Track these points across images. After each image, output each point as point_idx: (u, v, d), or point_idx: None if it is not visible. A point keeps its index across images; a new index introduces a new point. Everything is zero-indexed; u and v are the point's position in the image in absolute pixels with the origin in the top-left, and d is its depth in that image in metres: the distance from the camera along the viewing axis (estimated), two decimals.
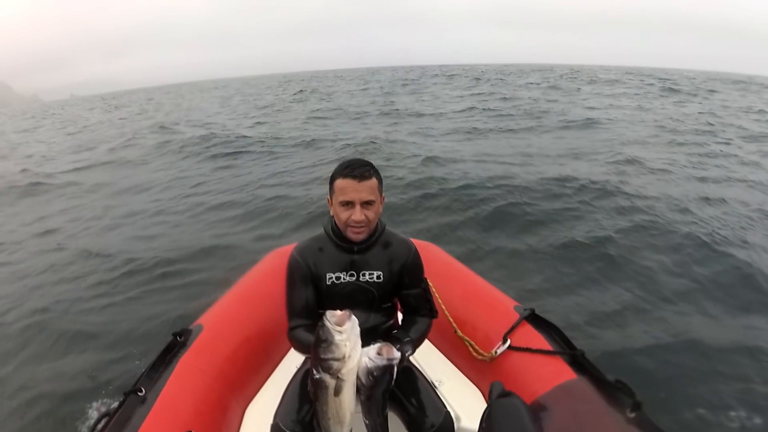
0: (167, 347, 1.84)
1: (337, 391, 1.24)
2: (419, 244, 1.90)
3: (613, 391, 1.49)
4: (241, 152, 10.77)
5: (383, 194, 1.56)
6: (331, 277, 1.57)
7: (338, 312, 1.22)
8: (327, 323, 1.20)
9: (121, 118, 25.09)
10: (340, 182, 1.47)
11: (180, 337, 1.88)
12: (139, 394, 1.58)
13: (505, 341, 1.87)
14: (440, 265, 2.29)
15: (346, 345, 1.20)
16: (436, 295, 1.93)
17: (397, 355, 1.27)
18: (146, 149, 12.57)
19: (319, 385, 1.25)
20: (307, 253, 1.60)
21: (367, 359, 1.26)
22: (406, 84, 35.01)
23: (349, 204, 1.47)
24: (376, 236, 1.61)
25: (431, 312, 1.68)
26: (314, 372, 1.24)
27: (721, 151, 9.32)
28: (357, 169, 1.46)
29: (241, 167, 9.45)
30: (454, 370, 2.09)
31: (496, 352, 1.86)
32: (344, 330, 1.20)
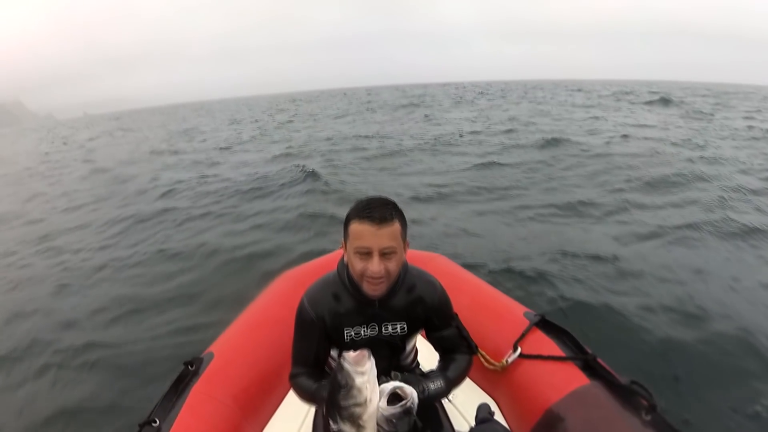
0: (179, 377, 1.84)
1: None
2: (424, 255, 1.89)
3: (628, 394, 1.49)
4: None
5: (407, 239, 1.34)
6: (350, 333, 1.41)
7: (354, 353, 1.11)
8: (346, 366, 1.09)
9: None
10: (355, 226, 1.25)
11: (191, 366, 1.88)
12: (153, 425, 1.58)
13: (515, 349, 1.86)
14: (447, 276, 2.28)
15: (366, 388, 1.08)
16: None
17: (414, 396, 1.16)
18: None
19: None
20: (321, 304, 1.41)
21: (382, 406, 1.14)
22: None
23: (366, 253, 1.26)
24: (399, 286, 1.41)
25: (469, 348, 1.57)
26: (332, 422, 1.12)
27: None
28: (376, 210, 1.23)
29: None
30: (467, 381, 2.08)
31: (507, 361, 1.86)
32: (365, 371, 1.09)
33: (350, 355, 1.10)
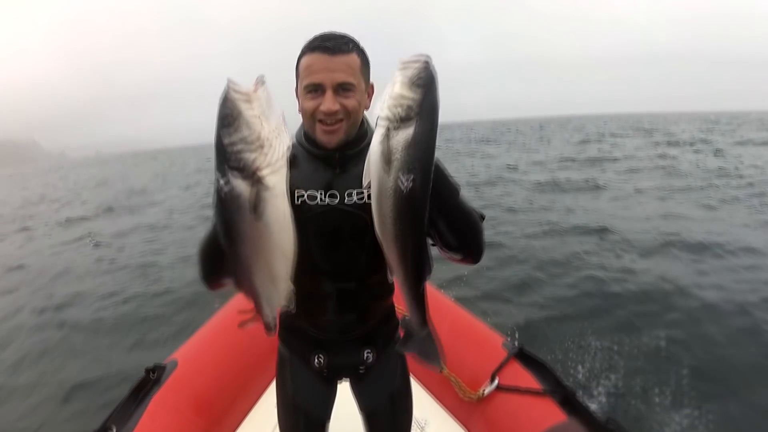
0: (140, 384, 1.75)
1: (257, 206, 0.79)
2: None
3: None
4: None
5: (372, 84, 1.10)
6: (302, 195, 1.09)
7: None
8: (226, 90, 0.79)
9: None
10: (305, 59, 1.01)
11: (153, 373, 1.79)
12: None
13: (493, 380, 1.80)
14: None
15: (261, 123, 0.79)
16: None
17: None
18: None
19: (227, 201, 0.80)
20: None
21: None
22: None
23: (317, 89, 1.00)
24: (366, 142, 1.06)
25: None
26: (221, 180, 0.80)
27: None
28: (330, 40, 1.00)
29: None
30: (440, 410, 2.01)
31: (483, 392, 1.80)
32: (252, 98, 0.79)
33: (231, 78, 0.81)
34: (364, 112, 1.11)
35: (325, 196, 1.09)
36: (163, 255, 6.85)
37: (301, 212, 1.07)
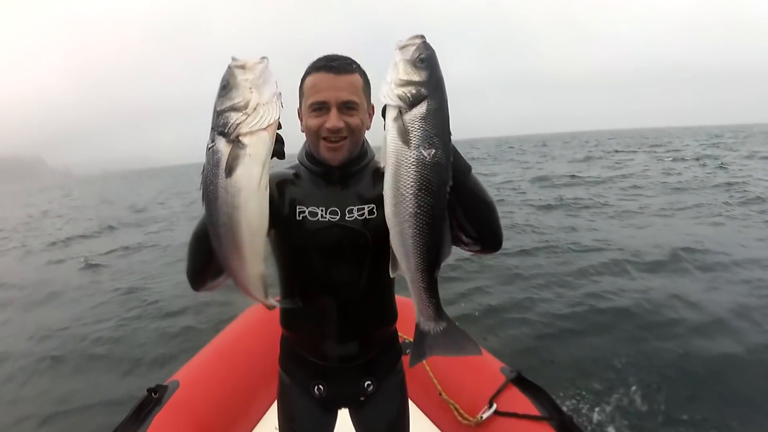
0: (141, 403, 1.77)
1: (230, 168, 0.83)
2: (401, 301, 1.86)
3: None
4: None
5: (373, 105, 1.13)
6: (304, 211, 1.11)
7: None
8: (229, 65, 0.86)
9: None
10: (310, 79, 1.06)
11: (155, 393, 1.81)
12: None
13: (491, 405, 1.81)
14: None
15: (251, 90, 0.84)
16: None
17: None
18: None
19: (209, 161, 0.85)
20: (278, 176, 1.16)
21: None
22: None
23: (321, 107, 1.04)
24: (366, 161, 1.16)
25: None
26: (208, 143, 0.86)
27: None
28: (335, 60, 1.05)
29: None
30: None
31: (482, 417, 1.80)
32: (250, 68, 0.84)
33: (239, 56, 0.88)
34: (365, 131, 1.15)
35: (326, 213, 1.11)
36: (161, 276, 6.80)
37: (302, 228, 1.11)
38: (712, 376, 3.13)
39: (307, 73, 1.07)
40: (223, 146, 0.83)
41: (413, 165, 0.86)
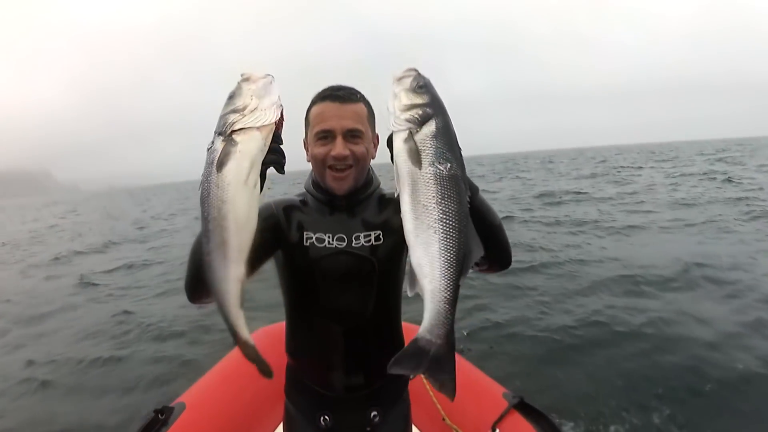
0: (147, 425, 1.79)
1: (221, 163, 0.85)
2: (407, 327, 1.88)
3: None
4: None
5: (377, 134, 1.18)
6: (311, 237, 1.14)
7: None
8: (238, 81, 0.91)
9: None
10: (315, 108, 1.10)
11: (161, 415, 1.83)
12: None
13: (493, 431, 1.82)
14: None
15: (251, 97, 0.88)
16: (425, 380, 1.90)
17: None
18: None
19: (207, 159, 0.88)
20: (286, 202, 1.20)
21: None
22: None
23: (327, 135, 1.07)
24: (372, 189, 1.20)
25: None
26: (209, 144, 0.90)
27: None
28: (339, 90, 1.09)
29: None
30: None
31: None
32: (254, 80, 0.89)
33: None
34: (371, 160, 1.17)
35: (333, 239, 1.14)
36: (167, 294, 6.77)
37: (309, 254, 1.13)
38: (726, 396, 3.07)
39: (313, 103, 1.11)
40: (219, 144, 0.86)
41: (431, 180, 0.88)
